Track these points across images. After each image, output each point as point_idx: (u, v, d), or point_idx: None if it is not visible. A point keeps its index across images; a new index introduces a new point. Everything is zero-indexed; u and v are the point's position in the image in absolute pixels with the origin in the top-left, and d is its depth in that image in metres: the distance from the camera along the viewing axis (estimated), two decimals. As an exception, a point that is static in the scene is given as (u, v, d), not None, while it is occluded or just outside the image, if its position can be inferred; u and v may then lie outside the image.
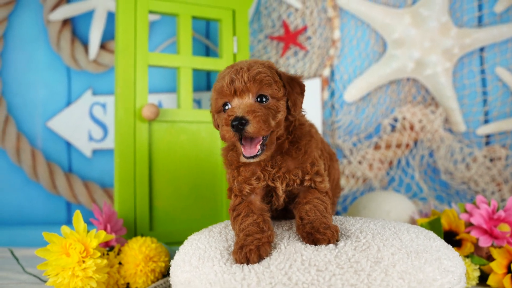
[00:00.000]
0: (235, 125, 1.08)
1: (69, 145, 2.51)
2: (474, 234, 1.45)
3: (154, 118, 1.76)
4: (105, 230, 1.47)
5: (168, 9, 1.88)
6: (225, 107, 1.16)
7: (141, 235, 1.67)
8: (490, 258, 1.45)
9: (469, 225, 1.50)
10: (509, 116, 2.25)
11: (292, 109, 1.17)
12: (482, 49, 2.30)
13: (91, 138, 2.49)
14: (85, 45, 2.51)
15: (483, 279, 1.44)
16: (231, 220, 1.21)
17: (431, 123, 2.28)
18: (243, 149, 1.13)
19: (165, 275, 1.52)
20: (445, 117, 2.30)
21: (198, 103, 2.48)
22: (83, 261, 1.29)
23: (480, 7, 2.29)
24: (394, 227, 1.21)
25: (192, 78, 1.91)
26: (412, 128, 2.30)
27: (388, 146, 2.31)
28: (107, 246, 1.50)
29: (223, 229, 1.25)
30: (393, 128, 2.35)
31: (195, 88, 2.47)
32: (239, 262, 1.06)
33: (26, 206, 2.49)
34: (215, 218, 1.89)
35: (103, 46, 2.49)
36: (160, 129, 1.83)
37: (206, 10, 1.93)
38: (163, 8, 1.87)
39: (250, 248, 1.06)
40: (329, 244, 1.08)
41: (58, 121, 2.49)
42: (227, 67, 1.19)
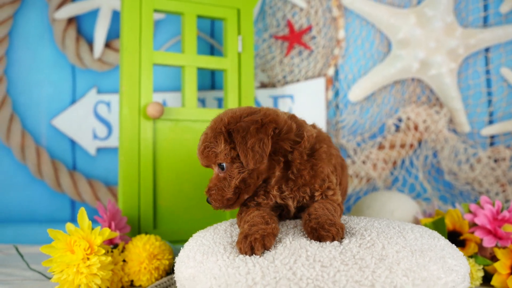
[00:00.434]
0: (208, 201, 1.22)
1: (73, 143, 2.52)
2: (478, 234, 1.45)
3: (158, 116, 1.77)
4: (109, 227, 1.48)
5: (173, 8, 1.88)
6: None
7: (145, 233, 1.68)
8: (494, 259, 1.45)
9: (473, 225, 1.50)
10: (514, 117, 2.25)
11: (244, 163, 1.13)
12: (487, 50, 2.29)
13: (95, 137, 2.50)
14: (90, 43, 2.51)
15: (486, 280, 1.44)
16: (237, 221, 1.22)
17: (435, 123, 2.28)
18: None
19: (169, 273, 1.53)
20: (449, 117, 2.30)
21: (202, 102, 2.48)
22: (88, 258, 1.30)
23: (485, 7, 2.29)
24: (398, 226, 1.21)
25: (197, 77, 1.91)
26: (416, 128, 2.30)
27: (392, 146, 2.31)
28: (111, 244, 1.50)
29: (228, 227, 1.26)
30: (397, 128, 2.35)
31: (200, 87, 2.47)
32: (243, 252, 1.06)
33: (30, 204, 2.50)
34: (219, 218, 1.89)
35: (108, 45, 2.50)
36: (164, 127, 1.83)
37: (211, 9, 1.94)
38: (168, 7, 1.87)
39: (255, 237, 1.06)
40: (333, 241, 1.08)
41: (63, 119, 2.50)
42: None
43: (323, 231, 1.09)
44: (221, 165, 1.18)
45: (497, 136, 2.26)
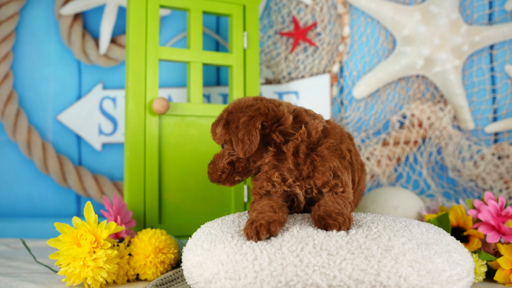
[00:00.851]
0: None
1: (79, 138, 2.53)
2: (481, 230, 1.45)
3: (164, 112, 1.78)
4: (115, 222, 1.49)
5: (179, 4, 1.89)
6: None
7: (150, 228, 1.69)
8: (497, 254, 1.46)
9: (476, 221, 1.50)
10: (517, 114, 2.25)
11: (236, 152, 1.24)
12: (492, 47, 2.29)
13: (101, 132, 2.51)
14: (96, 39, 2.52)
15: (490, 275, 1.45)
16: (249, 210, 1.26)
17: (439, 120, 2.28)
18: None
19: (174, 266, 1.54)
20: (453, 114, 2.30)
21: (207, 98, 2.49)
22: (94, 252, 1.31)
23: (490, 5, 2.29)
24: (404, 221, 1.23)
25: (202, 73, 1.92)
26: (420, 125, 2.31)
27: (396, 143, 2.32)
28: (117, 238, 1.51)
29: (236, 218, 1.27)
30: (401, 125, 2.35)
31: (205, 83, 2.48)
32: (249, 238, 1.09)
33: (36, 199, 2.52)
34: (224, 213, 1.90)
35: (113, 41, 2.51)
36: (170, 123, 1.84)
37: (217, 5, 1.94)
38: (174, 3, 1.88)
39: (261, 222, 1.10)
40: (340, 230, 1.10)
41: (69, 115, 2.51)
42: None
43: (330, 219, 1.11)
44: (222, 144, 1.32)
45: (501, 133, 2.26)
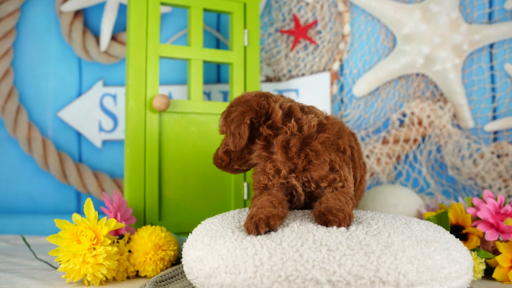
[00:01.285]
0: None
1: (79, 135, 2.53)
2: (480, 228, 1.46)
3: (164, 109, 1.78)
4: (115, 218, 1.49)
5: (179, 1, 1.89)
6: None
7: (150, 225, 1.69)
8: (496, 252, 1.46)
9: (475, 219, 1.51)
10: (517, 113, 2.25)
11: (228, 144, 1.29)
12: (491, 46, 2.30)
13: (101, 129, 2.52)
14: (97, 36, 2.53)
15: (488, 273, 1.45)
16: (250, 205, 1.27)
17: (439, 118, 2.29)
18: None
19: (174, 263, 1.54)
20: (453, 113, 2.31)
21: (208, 95, 2.50)
22: (94, 248, 1.32)
23: (490, 4, 2.29)
24: (404, 218, 1.24)
25: (203, 70, 1.92)
26: (420, 123, 2.31)
27: (396, 141, 2.32)
28: (117, 235, 1.52)
29: (236, 214, 1.28)
30: (401, 123, 2.36)
31: (205, 81, 2.48)
32: (249, 232, 1.11)
33: (36, 195, 2.52)
34: (224, 210, 1.90)
35: (114, 38, 2.51)
36: (170, 120, 1.84)
37: (218, 3, 1.95)
38: (174, 0, 1.88)
39: (260, 217, 1.11)
40: (340, 227, 1.11)
41: (69, 112, 2.52)
42: None
43: (330, 215, 1.12)
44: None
45: (500, 131, 2.27)
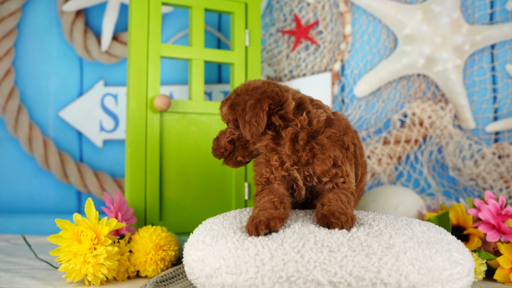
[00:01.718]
0: None
1: (80, 135, 2.53)
2: (481, 229, 1.45)
3: (165, 109, 1.78)
4: (116, 218, 1.49)
5: (181, 1, 1.89)
6: None
7: (151, 225, 1.69)
8: (497, 253, 1.46)
9: (477, 220, 1.51)
10: (518, 114, 2.25)
11: (243, 134, 1.26)
12: (493, 46, 2.29)
13: (102, 129, 2.52)
14: (98, 36, 2.53)
15: (489, 274, 1.45)
16: (253, 202, 1.26)
17: (440, 119, 2.28)
18: None
19: (174, 263, 1.54)
20: (454, 113, 2.30)
21: (209, 95, 2.50)
22: (95, 248, 1.31)
23: (492, 4, 2.29)
24: (406, 220, 1.24)
25: (204, 70, 1.92)
26: (421, 124, 2.31)
27: (397, 142, 2.32)
28: (118, 235, 1.52)
29: (237, 214, 1.28)
30: (402, 123, 2.36)
31: (206, 81, 2.49)
32: (249, 233, 1.11)
33: (37, 195, 2.52)
34: (224, 210, 1.90)
35: (115, 38, 2.51)
36: (171, 120, 1.84)
37: (219, 3, 1.95)
38: (176, 0, 1.88)
39: (260, 219, 1.11)
40: (342, 229, 1.10)
41: (70, 111, 2.52)
42: None
43: (333, 218, 1.12)
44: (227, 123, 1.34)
45: (501, 132, 2.26)
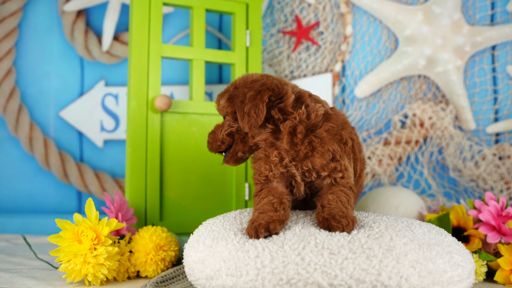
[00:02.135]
0: None
1: (81, 135, 2.53)
2: (482, 230, 1.45)
3: (166, 109, 1.78)
4: (116, 218, 1.49)
5: (182, 2, 1.89)
6: None
7: (151, 225, 1.69)
8: (497, 255, 1.46)
9: (477, 221, 1.50)
10: (519, 115, 2.25)
11: (241, 126, 1.25)
12: (493, 48, 2.29)
13: (102, 129, 2.52)
14: (99, 36, 2.53)
15: (490, 275, 1.45)
16: (254, 202, 1.26)
17: (441, 120, 2.28)
18: None
19: (174, 264, 1.54)
20: (455, 114, 2.30)
21: (209, 95, 2.50)
22: (95, 248, 1.31)
23: (493, 6, 2.29)
24: (406, 221, 1.23)
25: (205, 71, 1.92)
26: (422, 125, 2.31)
27: (398, 142, 2.32)
28: (118, 235, 1.52)
29: (238, 214, 1.28)
30: (403, 124, 2.35)
31: (207, 81, 2.49)
32: (249, 236, 1.11)
33: (37, 195, 2.52)
34: (225, 211, 1.90)
35: (116, 38, 2.51)
36: (172, 120, 1.84)
37: (220, 3, 1.95)
38: (177, 1, 1.88)
39: (260, 222, 1.11)
40: (343, 232, 1.10)
41: (71, 111, 2.52)
42: None
43: (334, 221, 1.12)
44: (224, 116, 1.34)
45: (502, 133, 2.26)
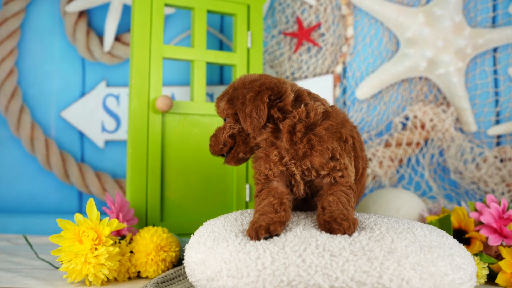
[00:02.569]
0: None
1: (82, 135, 2.54)
2: (483, 232, 1.45)
3: (167, 110, 1.78)
4: (117, 219, 1.49)
5: (183, 3, 1.89)
6: None
7: (152, 225, 1.69)
8: (499, 257, 1.46)
9: (478, 223, 1.50)
10: (520, 117, 2.25)
11: (244, 127, 1.24)
12: (495, 50, 2.29)
13: (104, 129, 2.52)
14: (100, 37, 2.53)
15: (491, 278, 1.45)
16: (255, 202, 1.26)
17: (442, 122, 2.28)
18: None
19: (175, 265, 1.54)
20: (456, 116, 2.30)
21: (210, 96, 2.50)
22: (96, 249, 1.31)
23: (494, 8, 2.29)
24: (407, 223, 1.23)
25: (206, 72, 1.92)
26: (423, 126, 2.31)
27: (399, 144, 2.32)
28: (119, 235, 1.52)
29: (239, 215, 1.27)
30: (404, 126, 2.36)
31: (208, 82, 2.49)
32: (250, 237, 1.11)
33: (38, 195, 2.52)
34: (225, 212, 1.90)
35: (118, 38, 2.52)
36: (173, 121, 1.84)
37: (221, 5, 1.95)
38: (178, 2, 1.89)
39: (260, 224, 1.11)
40: (344, 235, 1.10)
41: (72, 112, 2.52)
42: None
43: (335, 224, 1.11)
44: (225, 118, 1.32)
45: (503, 136, 2.26)
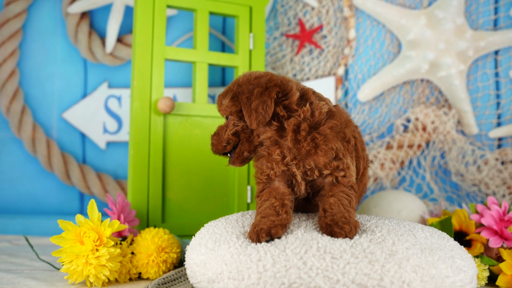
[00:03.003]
0: None
1: (83, 136, 2.54)
2: (484, 234, 1.45)
3: (169, 111, 1.78)
4: (118, 220, 1.49)
5: (185, 4, 1.90)
6: None
7: (153, 227, 1.69)
8: (499, 259, 1.46)
9: (479, 226, 1.50)
10: (522, 120, 2.25)
11: (248, 123, 1.22)
12: (496, 52, 2.29)
13: (105, 130, 2.52)
14: (102, 38, 2.53)
15: (492, 280, 1.45)
16: (256, 206, 1.25)
17: (443, 124, 2.28)
18: None
19: (176, 266, 1.54)
20: (457, 119, 2.30)
21: (212, 98, 2.50)
22: (97, 250, 1.32)
23: (496, 10, 2.29)
24: (408, 225, 1.23)
25: (208, 73, 1.92)
26: (424, 129, 2.31)
27: (400, 146, 2.32)
28: (120, 236, 1.52)
29: (240, 217, 1.27)
30: (405, 128, 2.35)
31: (210, 84, 2.49)
32: (251, 240, 1.11)
33: (40, 196, 2.53)
34: (227, 212, 1.90)
35: (120, 40, 2.52)
36: (174, 122, 1.85)
37: (223, 6, 1.95)
38: (180, 3, 1.89)
39: (262, 227, 1.12)
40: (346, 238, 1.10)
41: (74, 113, 2.52)
42: None
43: (336, 227, 1.11)
44: (227, 116, 1.30)
45: (504, 138, 2.26)
